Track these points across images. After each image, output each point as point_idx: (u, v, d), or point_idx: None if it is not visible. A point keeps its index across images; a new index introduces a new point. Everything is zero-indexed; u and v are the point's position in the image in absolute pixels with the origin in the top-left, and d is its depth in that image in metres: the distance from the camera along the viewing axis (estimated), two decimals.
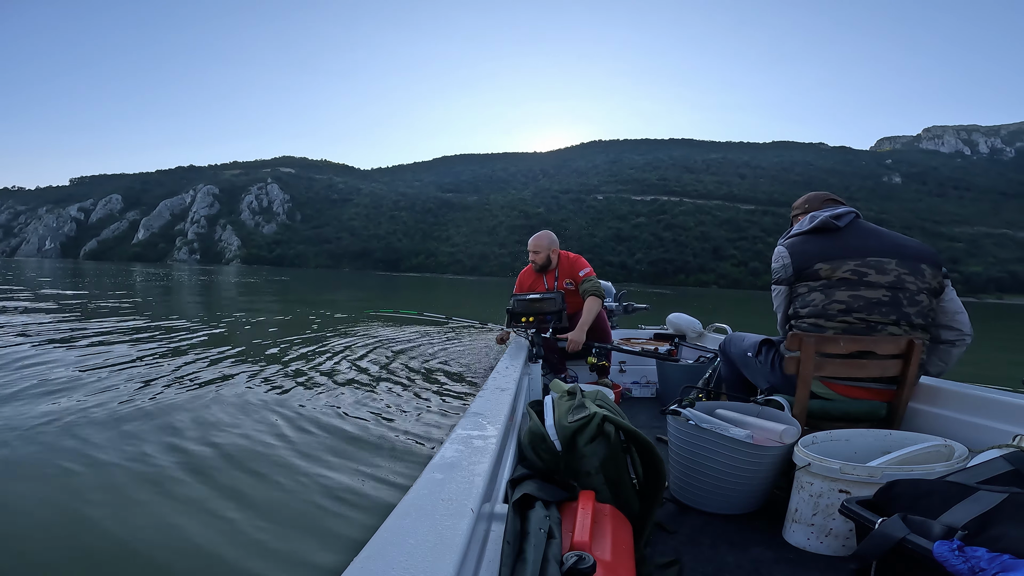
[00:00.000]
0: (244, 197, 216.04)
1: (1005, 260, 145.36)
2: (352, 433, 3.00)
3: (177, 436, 2.83)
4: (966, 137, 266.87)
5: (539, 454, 1.22)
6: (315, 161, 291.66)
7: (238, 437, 2.86)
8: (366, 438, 2.93)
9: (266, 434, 2.93)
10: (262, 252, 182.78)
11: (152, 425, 2.99)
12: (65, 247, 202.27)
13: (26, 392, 3.51)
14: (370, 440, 2.90)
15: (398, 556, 0.55)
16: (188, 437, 2.83)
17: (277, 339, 6.51)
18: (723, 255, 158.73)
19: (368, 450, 2.75)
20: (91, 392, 3.59)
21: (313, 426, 3.10)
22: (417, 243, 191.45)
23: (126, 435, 2.82)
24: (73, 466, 2.39)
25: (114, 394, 3.57)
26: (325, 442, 2.84)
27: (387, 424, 3.20)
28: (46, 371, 4.11)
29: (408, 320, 8.96)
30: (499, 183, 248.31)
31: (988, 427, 1.51)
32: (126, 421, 3.04)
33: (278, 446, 2.76)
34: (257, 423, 3.11)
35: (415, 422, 3.26)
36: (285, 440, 2.85)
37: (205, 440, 2.80)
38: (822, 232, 1.72)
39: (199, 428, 2.97)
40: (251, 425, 3.07)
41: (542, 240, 3.21)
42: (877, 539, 0.92)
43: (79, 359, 4.64)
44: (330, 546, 1.83)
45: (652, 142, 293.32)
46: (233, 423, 3.09)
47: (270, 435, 2.91)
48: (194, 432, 2.90)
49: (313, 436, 2.93)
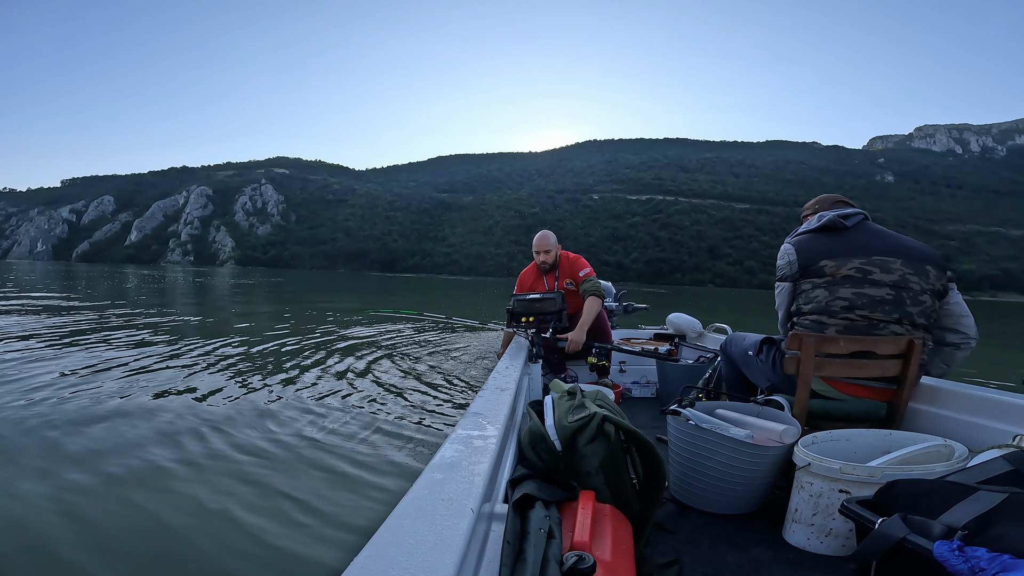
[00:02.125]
0: (238, 198, 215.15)
1: (998, 258, 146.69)
2: (352, 433, 2.99)
3: (176, 437, 2.82)
4: (957, 136, 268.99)
5: (539, 454, 1.22)
6: (310, 162, 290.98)
7: (237, 437, 2.85)
8: (366, 438, 2.92)
9: (266, 434, 2.92)
10: (256, 253, 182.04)
11: (152, 426, 2.97)
12: (57, 249, 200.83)
13: (13, 394, 3.48)
14: (370, 440, 2.89)
15: (398, 556, 0.55)
16: (188, 437, 2.81)
17: (276, 340, 6.48)
18: (719, 254, 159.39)
19: (368, 450, 2.74)
20: (91, 393, 3.56)
21: (313, 426, 3.09)
22: (413, 244, 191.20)
23: (126, 435, 2.80)
24: (73, 467, 2.38)
25: (114, 395, 3.54)
26: (325, 442, 2.83)
27: (387, 424, 3.19)
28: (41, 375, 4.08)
29: (408, 320, 8.95)
30: (495, 183, 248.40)
31: (988, 427, 1.52)
32: (125, 422, 3.02)
33: (278, 446, 2.75)
34: (256, 423, 3.10)
35: (415, 422, 3.26)
36: (285, 440, 2.84)
37: (205, 440, 2.78)
38: (829, 231, 1.73)
39: (198, 429, 2.95)
40: (250, 425, 3.06)
41: (550, 239, 3.20)
42: (877, 539, 0.92)
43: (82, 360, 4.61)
44: (330, 546, 1.83)
45: (647, 141, 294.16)
46: (232, 423, 3.08)
47: (270, 435, 2.90)
48: (194, 433, 2.89)
49: (313, 436, 2.92)
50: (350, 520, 2.01)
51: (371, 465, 2.54)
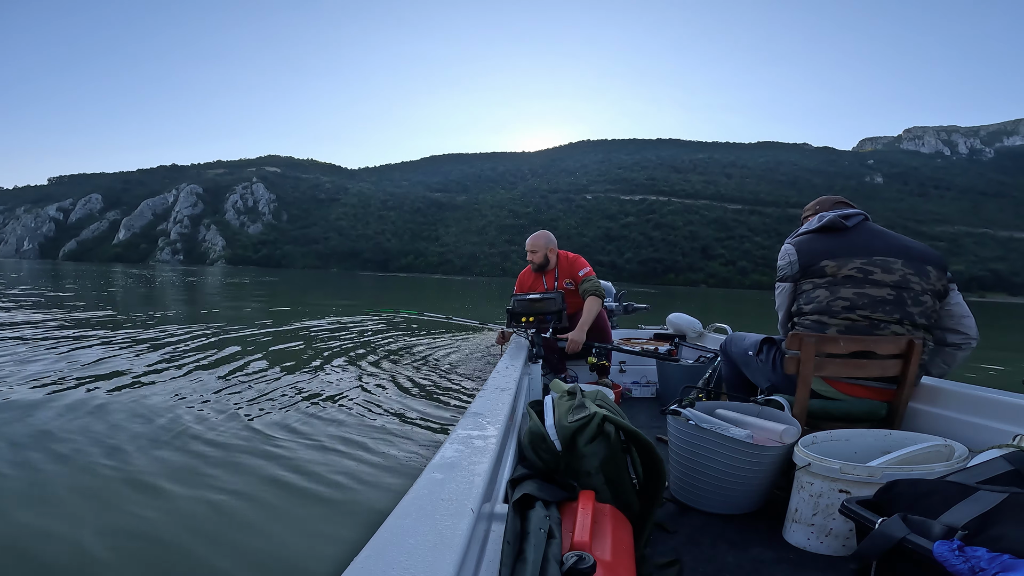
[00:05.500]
0: (229, 197, 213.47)
1: (986, 259, 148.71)
2: (352, 433, 2.99)
3: (176, 437, 2.80)
4: (946, 138, 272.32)
5: (539, 454, 1.21)
6: (301, 160, 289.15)
7: (237, 437, 2.83)
8: (366, 438, 2.91)
9: (265, 434, 2.90)
10: (248, 253, 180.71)
11: (150, 426, 2.95)
12: (44, 248, 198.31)
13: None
14: (370, 440, 2.88)
15: (398, 556, 0.54)
16: (187, 438, 2.79)
17: (275, 340, 6.45)
18: (712, 254, 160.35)
19: (368, 450, 2.73)
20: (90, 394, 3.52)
21: (312, 426, 3.08)
22: (406, 243, 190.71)
23: (124, 435, 2.78)
24: (71, 468, 2.36)
25: (114, 395, 3.51)
26: (325, 442, 2.82)
27: (387, 424, 3.18)
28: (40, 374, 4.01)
29: (408, 320, 8.94)
30: (488, 183, 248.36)
31: (988, 427, 1.52)
32: (124, 422, 2.99)
33: (278, 446, 2.73)
34: (256, 423, 3.08)
35: (415, 422, 3.25)
36: (284, 440, 2.83)
37: (204, 440, 2.76)
38: (830, 231, 1.73)
39: (198, 429, 2.93)
40: (250, 425, 3.04)
41: (539, 240, 3.20)
42: (877, 539, 0.92)
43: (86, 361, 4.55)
44: (330, 546, 1.83)
45: (640, 142, 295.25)
46: (232, 423, 3.06)
47: (269, 435, 2.89)
48: (193, 433, 2.87)
49: (312, 436, 2.91)
50: (350, 520, 2.01)
51: (371, 465, 2.53)
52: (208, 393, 3.70)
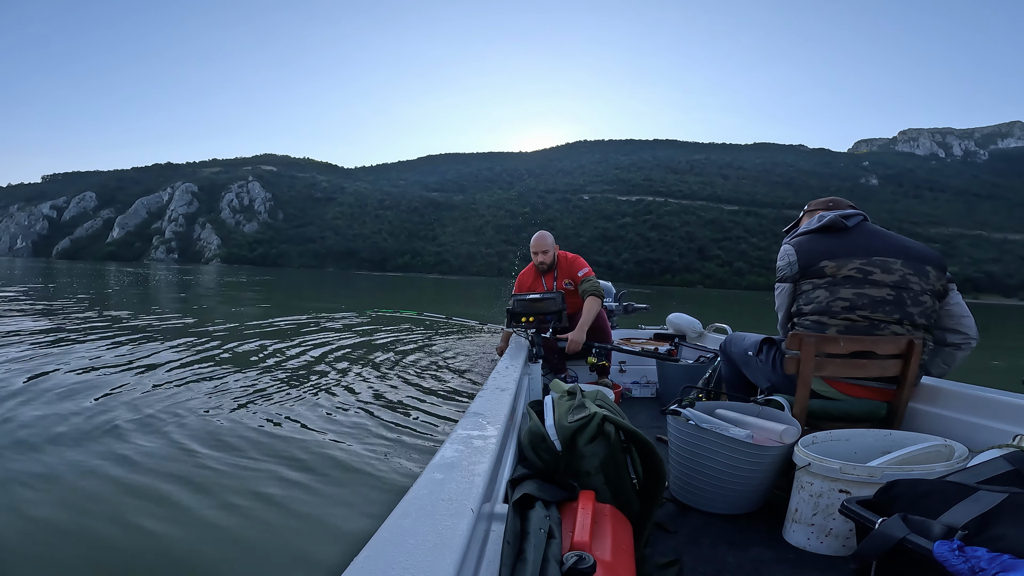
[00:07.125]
0: (224, 195, 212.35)
1: (980, 260, 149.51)
2: (352, 433, 2.99)
3: (176, 438, 2.79)
4: (940, 140, 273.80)
5: (539, 454, 1.21)
6: (297, 159, 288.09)
7: (236, 437, 2.83)
8: (366, 438, 2.92)
9: (265, 434, 2.90)
10: (243, 251, 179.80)
11: (150, 427, 2.93)
12: (37, 246, 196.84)
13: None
14: (370, 440, 2.89)
15: (398, 556, 0.54)
16: (187, 438, 2.78)
17: (275, 340, 6.43)
18: (708, 255, 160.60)
19: (368, 450, 2.73)
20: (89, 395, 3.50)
21: (313, 426, 3.08)
22: (403, 243, 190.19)
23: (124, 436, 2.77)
24: (70, 469, 2.34)
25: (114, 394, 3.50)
26: (324, 442, 2.82)
27: (387, 424, 3.18)
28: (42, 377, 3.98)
29: (408, 320, 8.92)
30: (485, 182, 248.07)
31: (988, 427, 1.52)
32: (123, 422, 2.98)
33: (278, 446, 2.73)
34: (255, 423, 3.08)
35: (415, 422, 3.25)
36: (284, 440, 2.83)
37: (204, 441, 2.76)
38: (830, 231, 1.73)
39: (198, 429, 2.93)
40: (249, 425, 3.04)
41: (546, 240, 3.21)
42: (877, 539, 0.92)
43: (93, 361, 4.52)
44: (330, 546, 1.82)
45: (637, 142, 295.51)
46: (231, 423, 3.05)
47: (269, 435, 2.89)
48: (193, 433, 2.86)
49: (313, 436, 2.91)
50: (350, 520, 2.01)
51: (371, 465, 2.53)
52: (206, 393, 3.69)
